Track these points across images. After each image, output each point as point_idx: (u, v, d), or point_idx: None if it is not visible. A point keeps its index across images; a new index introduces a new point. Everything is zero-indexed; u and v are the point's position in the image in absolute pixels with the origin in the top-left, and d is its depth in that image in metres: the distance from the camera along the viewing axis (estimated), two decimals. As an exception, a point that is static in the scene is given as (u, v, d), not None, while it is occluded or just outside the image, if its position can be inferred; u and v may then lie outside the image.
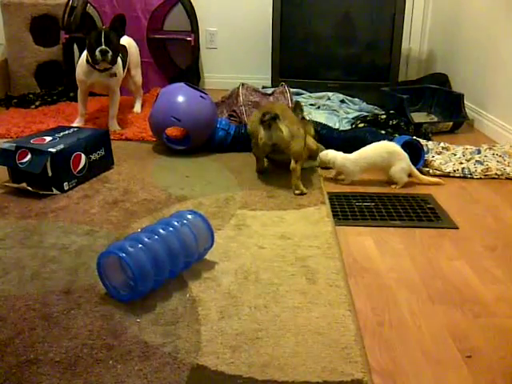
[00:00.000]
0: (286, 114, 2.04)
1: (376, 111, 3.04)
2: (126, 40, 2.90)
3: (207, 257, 1.52)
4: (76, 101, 3.38)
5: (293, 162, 2.01)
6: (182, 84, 2.47)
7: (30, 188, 1.93)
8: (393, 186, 2.13)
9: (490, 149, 2.44)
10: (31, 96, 3.37)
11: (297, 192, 1.99)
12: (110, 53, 2.53)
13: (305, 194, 1.99)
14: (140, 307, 1.29)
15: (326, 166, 2.22)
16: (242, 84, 2.94)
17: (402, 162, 2.10)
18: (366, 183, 2.16)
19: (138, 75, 3.12)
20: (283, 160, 2.09)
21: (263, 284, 1.40)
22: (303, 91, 3.34)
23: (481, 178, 2.21)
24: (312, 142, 2.27)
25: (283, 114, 2.01)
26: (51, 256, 1.53)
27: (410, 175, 2.13)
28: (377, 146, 2.16)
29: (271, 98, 2.93)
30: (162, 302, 1.32)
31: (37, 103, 3.27)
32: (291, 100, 2.85)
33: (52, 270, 1.45)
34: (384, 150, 2.13)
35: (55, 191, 1.96)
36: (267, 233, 1.69)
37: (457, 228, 1.78)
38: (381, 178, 2.18)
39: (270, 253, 1.56)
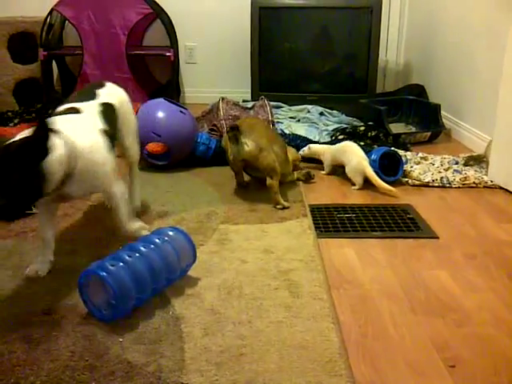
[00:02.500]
0: (256, 127, 2.04)
1: (355, 123, 3.07)
2: (114, 94, 1.75)
3: (190, 273, 1.51)
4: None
5: (268, 178, 2.01)
6: (161, 99, 2.47)
7: (8, 207, 1.90)
8: (352, 187, 2.23)
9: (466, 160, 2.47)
10: (10, 114, 3.33)
11: (278, 207, 2.00)
12: None
13: (287, 207, 2.00)
14: (122, 326, 1.28)
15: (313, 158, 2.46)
16: (222, 98, 2.95)
17: (352, 162, 2.23)
18: (347, 195, 2.18)
19: (133, 147, 1.88)
20: (263, 177, 2.07)
21: (247, 299, 1.39)
22: (283, 104, 3.36)
23: (459, 187, 2.24)
24: (291, 153, 2.30)
25: (252, 128, 2.02)
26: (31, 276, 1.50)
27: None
28: (342, 143, 2.42)
29: (251, 112, 2.95)
30: (144, 320, 1.31)
31: (15, 121, 3.23)
32: (271, 113, 2.87)
33: (33, 290, 1.43)
34: (342, 147, 2.34)
35: (35, 210, 1.94)
36: (250, 247, 1.69)
37: (437, 237, 1.80)
38: (361, 189, 2.21)
39: (253, 267, 1.56)
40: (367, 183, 2.21)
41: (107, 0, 3.49)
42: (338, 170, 2.38)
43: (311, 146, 2.48)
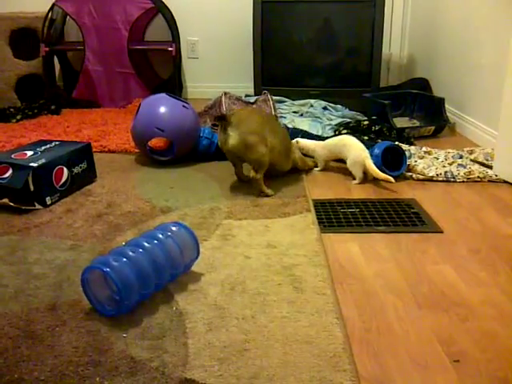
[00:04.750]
0: (247, 121, 2.00)
1: (358, 117, 3.06)
2: None
3: (193, 268, 1.51)
4: (58, 114, 3.37)
5: (252, 171, 2.02)
6: (163, 94, 2.46)
7: (11, 204, 1.91)
8: (352, 182, 2.22)
9: (471, 153, 2.46)
10: (12, 110, 3.33)
11: (262, 195, 2.04)
12: None
13: (271, 195, 2.04)
14: (126, 322, 1.28)
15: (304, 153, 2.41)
16: (225, 93, 2.94)
17: (352, 155, 2.22)
18: (351, 190, 2.18)
19: None
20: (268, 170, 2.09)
21: (250, 294, 1.39)
22: (286, 99, 3.35)
23: (464, 182, 2.23)
24: (298, 157, 2.30)
25: (242, 121, 1.99)
26: (35, 272, 1.50)
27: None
28: (340, 136, 2.39)
29: (254, 107, 2.94)
30: (148, 315, 1.30)
31: (18, 117, 3.23)
32: (274, 108, 2.86)
33: (36, 286, 1.43)
34: (340, 140, 2.31)
35: (38, 206, 1.94)
36: (253, 242, 1.68)
37: (441, 232, 1.79)
38: (364, 183, 2.20)
39: (257, 262, 1.56)
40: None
41: (109, -5, 3.48)
42: (332, 164, 2.39)
43: (299, 140, 2.44)
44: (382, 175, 2.14)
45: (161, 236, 1.40)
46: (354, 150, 2.22)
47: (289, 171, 2.28)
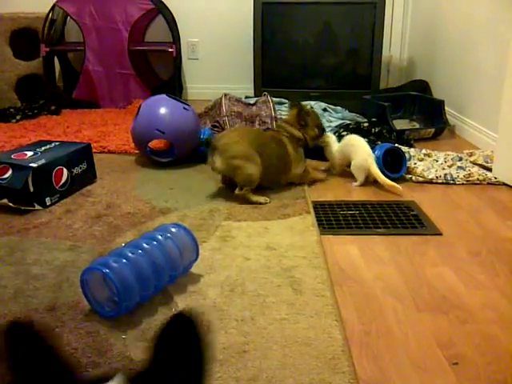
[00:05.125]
0: (234, 146, 1.99)
1: (358, 119, 3.05)
2: None
3: (192, 270, 1.50)
4: (58, 114, 3.36)
5: (237, 188, 2.01)
6: (163, 96, 2.46)
7: (11, 204, 1.91)
8: (353, 184, 2.21)
9: (470, 155, 2.46)
10: (12, 110, 3.33)
11: (255, 204, 1.99)
12: None
13: (264, 203, 2.00)
14: (125, 323, 1.27)
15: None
16: (225, 94, 2.94)
17: (358, 158, 2.20)
18: (350, 191, 2.18)
19: None
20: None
21: (249, 296, 1.39)
22: (286, 100, 3.33)
23: (463, 184, 2.23)
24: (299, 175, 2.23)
25: (229, 147, 1.98)
26: (34, 273, 1.50)
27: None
28: (347, 136, 2.36)
29: (254, 108, 2.93)
30: (147, 317, 1.30)
31: (17, 117, 3.23)
32: (274, 109, 2.86)
33: (35, 287, 1.43)
34: (349, 140, 2.29)
35: (37, 207, 1.94)
36: (253, 244, 1.68)
37: (440, 234, 1.79)
38: (364, 186, 2.21)
39: (256, 264, 1.56)
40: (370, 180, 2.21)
41: (109, -4, 3.49)
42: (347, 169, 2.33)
43: (331, 136, 2.38)
44: (388, 183, 2.12)
45: (160, 237, 1.40)
46: (361, 153, 2.19)
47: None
